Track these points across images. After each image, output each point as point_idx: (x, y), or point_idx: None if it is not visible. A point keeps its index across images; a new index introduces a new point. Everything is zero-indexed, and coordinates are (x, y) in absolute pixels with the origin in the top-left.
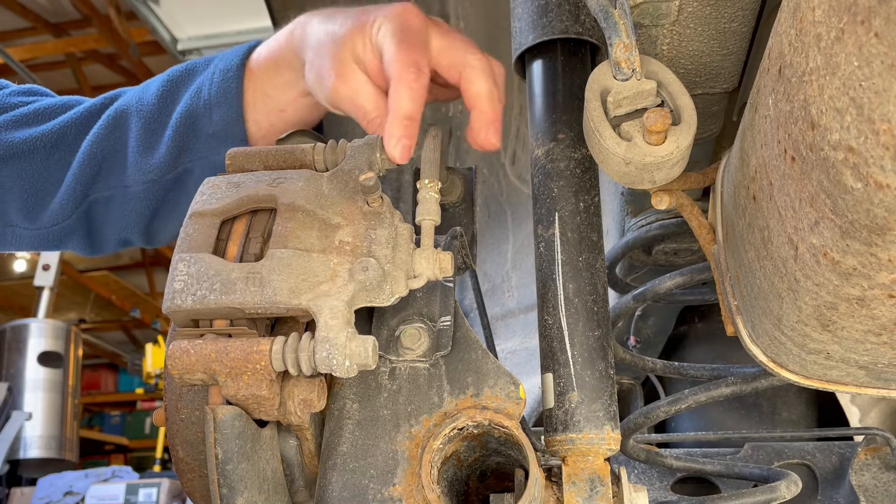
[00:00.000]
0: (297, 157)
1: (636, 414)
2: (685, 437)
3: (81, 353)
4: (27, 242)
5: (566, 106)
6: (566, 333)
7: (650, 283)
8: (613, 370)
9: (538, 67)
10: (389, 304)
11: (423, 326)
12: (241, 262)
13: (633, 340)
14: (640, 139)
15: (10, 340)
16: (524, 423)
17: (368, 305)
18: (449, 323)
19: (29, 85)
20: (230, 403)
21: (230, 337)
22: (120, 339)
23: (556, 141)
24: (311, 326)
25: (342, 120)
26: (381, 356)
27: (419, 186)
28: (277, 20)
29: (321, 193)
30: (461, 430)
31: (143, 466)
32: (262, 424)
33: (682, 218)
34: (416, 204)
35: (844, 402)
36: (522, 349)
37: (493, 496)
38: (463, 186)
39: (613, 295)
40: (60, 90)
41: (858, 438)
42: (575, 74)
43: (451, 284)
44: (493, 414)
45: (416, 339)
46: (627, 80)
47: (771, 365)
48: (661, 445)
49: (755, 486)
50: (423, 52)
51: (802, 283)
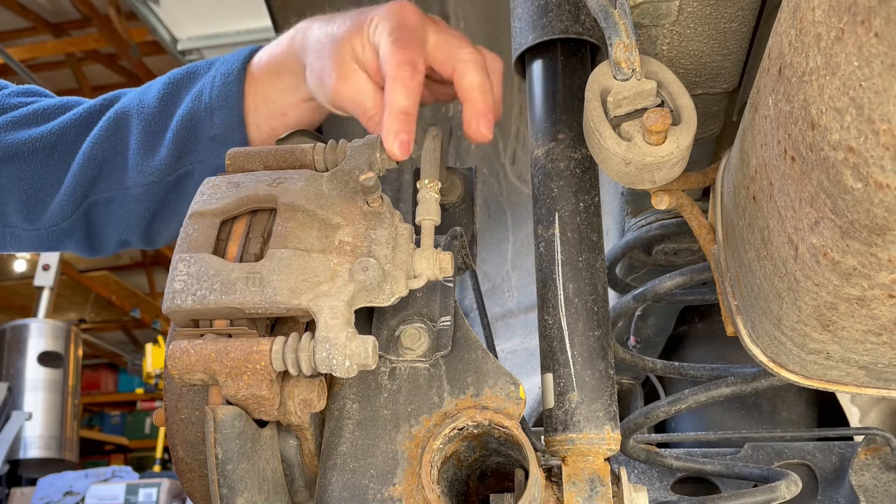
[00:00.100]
0: (297, 157)
1: (636, 414)
2: (685, 437)
3: (81, 353)
4: (26, 243)
5: (566, 106)
6: (566, 333)
7: (650, 283)
8: (613, 370)
9: (538, 67)
10: (389, 304)
11: (423, 326)
12: (241, 262)
13: (633, 340)
14: (640, 139)
15: (10, 340)
16: (524, 423)
17: (368, 305)
18: (449, 323)
19: (28, 85)
20: (230, 403)
21: (230, 337)
22: (120, 339)
23: (556, 141)
24: (311, 326)
25: (342, 120)
26: (381, 356)
27: (419, 186)
28: (277, 20)
29: (321, 193)
30: (461, 430)
31: (143, 466)
32: (262, 424)
33: (682, 218)
34: (416, 204)
35: (844, 402)
36: (522, 349)
37: (493, 496)
38: (463, 186)
39: (613, 295)
40: (60, 90)
41: (858, 438)
42: (575, 74)
43: (451, 284)
44: (493, 414)
45: (416, 339)
46: (627, 80)
47: (771, 365)
48: (661, 445)
49: (755, 486)
50: (419, 49)
51: (802, 283)
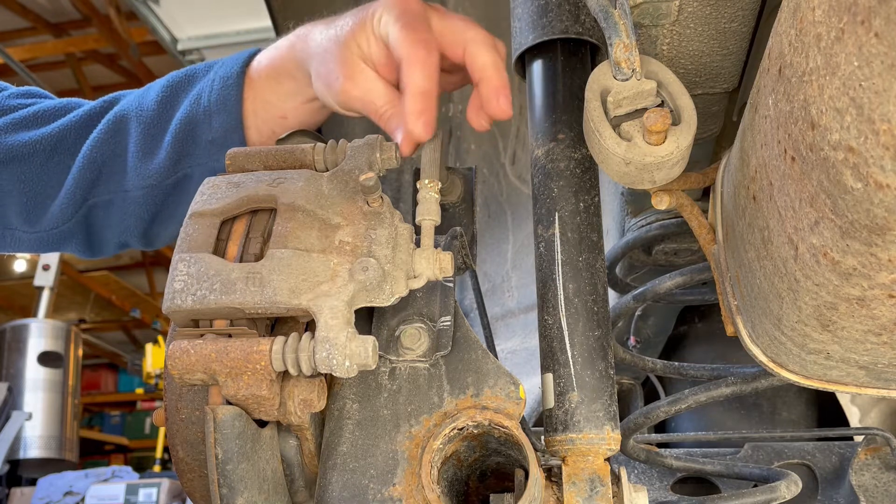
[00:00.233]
0: (297, 157)
1: (636, 414)
2: (685, 437)
3: (81, 353)
4: (26, 245)
5: (566, 106)
6: (566, 333)
7: (650, 283)
8: (613, 370)
9: (538, 67)
10: (389, 304)
11: (423, 326)
12: (241, 262)
13: (633, 340)
14: (640, 139)
15: (10, 340)
16: (524, 423)
17: (368, 305)
18: (449, 323)
19: (28, 87)
20: (230, 403)
21: (230, 337)
22: (120, 339)
23: (556, 141)
24: (311, 326)
25: (342, 120)
26: (381, 356)
27: (419, 186)
28: (277, 20)
29: (321, 193)
30: (461, 430)
31: (143, 466)
32: (262, 424)
33: (682, 218)
34: (416, 204)
35: (844, 402)
36: (522, 349)
37: (493, 496)
38: (463, 186)
39: (613, 295)
40: (60, 90)
41: (858, 438)
42: (575, 74)
43: (451, 284)
44: (493, 414)
45: (416, 339)
46: (627, 80)
47: (771, 365)
48: (661, 445)
49: (755, 486)
50: (429, 30)
51: (802, 283)
